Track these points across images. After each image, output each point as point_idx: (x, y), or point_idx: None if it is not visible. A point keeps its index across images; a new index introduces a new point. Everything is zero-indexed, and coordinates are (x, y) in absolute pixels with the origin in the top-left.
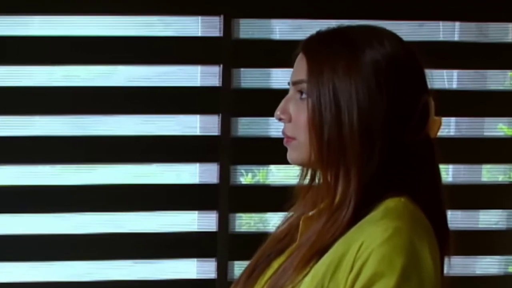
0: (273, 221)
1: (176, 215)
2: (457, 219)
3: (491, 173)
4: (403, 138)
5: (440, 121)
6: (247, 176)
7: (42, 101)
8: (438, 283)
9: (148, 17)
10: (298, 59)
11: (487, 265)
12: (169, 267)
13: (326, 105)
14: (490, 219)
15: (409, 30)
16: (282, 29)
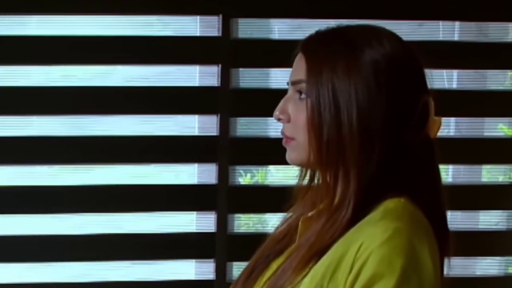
0: (272, 221)
1: (174, 215)
2: (457, 219)
3: (491, 174)
4: (403, 138)
5: (440, 121)
6: (246, 176)
7: (40, 101)
8: (437, 284)
9: (146, 16)
10: (297, 59)
11: (487, 266)
12: (168, 268)
13: (325, 105)
14: (490, 219)
15: (409, 30)
16: (281, 28)
